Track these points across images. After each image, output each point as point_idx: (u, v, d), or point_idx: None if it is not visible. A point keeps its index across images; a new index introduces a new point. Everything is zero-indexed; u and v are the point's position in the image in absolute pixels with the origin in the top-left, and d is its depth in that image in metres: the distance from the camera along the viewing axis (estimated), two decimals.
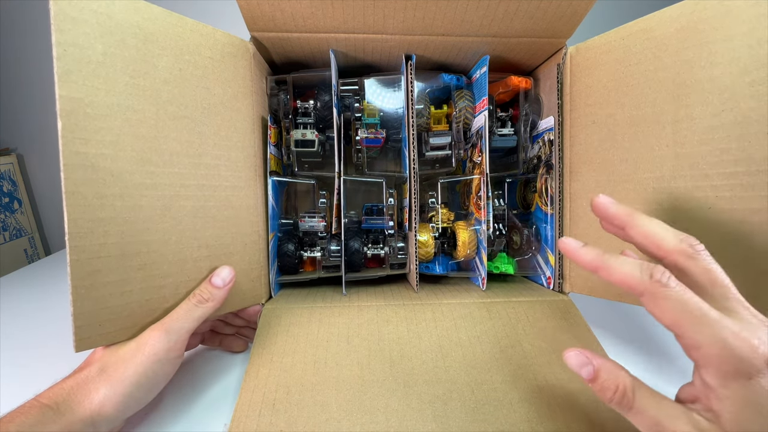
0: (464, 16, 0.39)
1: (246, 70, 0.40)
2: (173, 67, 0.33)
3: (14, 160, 1.24)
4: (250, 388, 0.31)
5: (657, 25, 0.34)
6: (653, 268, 0.22)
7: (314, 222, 0.47)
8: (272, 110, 0.46)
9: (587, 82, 0.41)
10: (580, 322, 0.39)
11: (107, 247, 0.28)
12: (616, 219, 0.26)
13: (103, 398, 0.26)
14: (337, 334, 0.37)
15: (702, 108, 0.31)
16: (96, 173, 0.28)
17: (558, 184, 0.44)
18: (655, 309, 0.22)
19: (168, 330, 0.30)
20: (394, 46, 0.43)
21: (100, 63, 0.28)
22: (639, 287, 0.22)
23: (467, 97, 0.48)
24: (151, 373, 0.28)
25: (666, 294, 0.21)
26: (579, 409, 0.30)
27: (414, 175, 0.44)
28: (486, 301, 0.42)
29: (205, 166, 0.35)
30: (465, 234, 0.47)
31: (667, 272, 0.22)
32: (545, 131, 0.46)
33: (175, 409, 0.33)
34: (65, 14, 0.27)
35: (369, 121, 0.47)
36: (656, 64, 0.34)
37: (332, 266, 0.47)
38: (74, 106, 0.27)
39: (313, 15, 0.38)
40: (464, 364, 0.34)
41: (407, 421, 0.29)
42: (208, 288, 0.33)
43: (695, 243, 0.23)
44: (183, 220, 0.33)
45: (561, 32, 0.41)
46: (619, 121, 0.37)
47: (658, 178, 0.34)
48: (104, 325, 0.29)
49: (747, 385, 0.19)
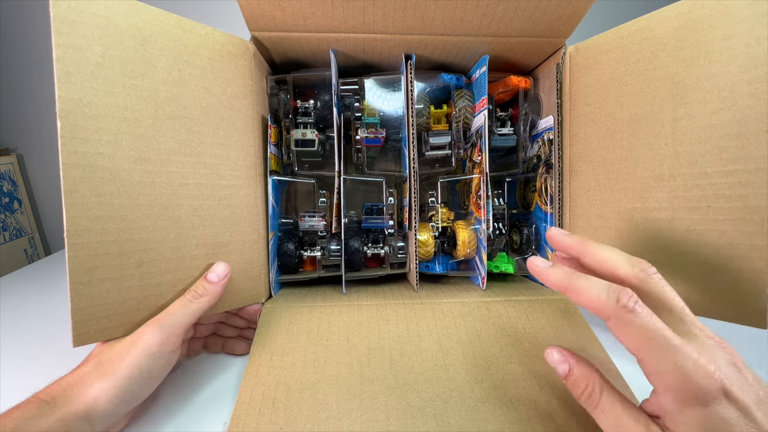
0: (464, 16, 0.39)
1: (246, 70, 0.40)
2: (172, 68, 0.33)
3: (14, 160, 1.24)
4: (249, 387, 0.31)
5: (656, 25, 0.34)
6: (620, 292, 0.22)
7: (314, 221, 0.47)
8: (272, 110, 0.46)
9: (586, 82, 0.41)
10: (580, 322, 0.39)
11: (105, 245, 0.29)
12: (570, 249, 0.27)
13: (98, 392, 0.26)
14: (337, 333, 0.37)
15: (701, 106, 0.31)
16: (94, 172, 0.28)
17: (557, 183, 0.44)
18: (619, 334, 0.22)
19: (162, 325, 0.30)
20: (393, 45, 0.43)
21: (99, 64, 0.28)
22: (605, 311, 0.22)
23: (467, 96, 0.48)
24: (144, 367, 0.28)
25: (631, 320, 0.21)
26: (578, 408, 0.30)
27: (414, 175, 0.44)
28: (486, 300, 0.42)
29: (203, 165, 0.35)
30: (465, 233, 0.47)
31: (635, 296, 0.22)
32: (545, 130, 0.46)
33: (175, 407, 0.33)
34: (65, 17, 0.27)
35: (369, 121, 0.47)
36: (655, 63, 0.34)
37: (332, 265, 0.47)
38: (73, 107, 0.27)
39: (313, 15, 0.39)
40: (464, 362, 0.34)
41: (407, 419, 0.29)
42: (203, 283, 0.33)
43: (647, 267, 0.23)
44: (181, 218, 0.33)
45: (560, 32, 0.41)
46: (619, 120, 0.37)
47: (657, 177, 0.34)
48: (102, 320, 0.29)
49: (703, 413, 0.20)
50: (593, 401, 0.24)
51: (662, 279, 0.23)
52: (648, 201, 0.35)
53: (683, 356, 0.20)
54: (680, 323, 0.22)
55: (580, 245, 0.26)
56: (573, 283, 0.24)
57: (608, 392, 0.24)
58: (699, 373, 0.20)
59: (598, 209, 0.40)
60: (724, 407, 0.20)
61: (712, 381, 0.20)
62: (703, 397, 0.20)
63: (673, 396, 0.21)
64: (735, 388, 0.20)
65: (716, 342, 0.21)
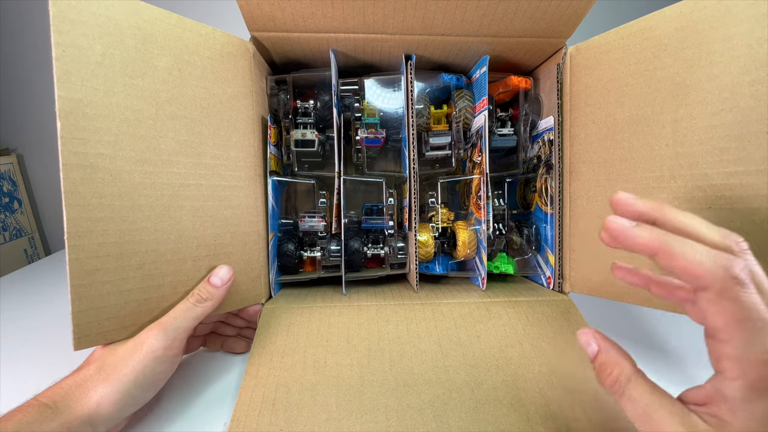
0: (464, 16, 0.39)
1: (246, 70, 0.40)
2: (172, 67, 0.33)
3: (14, 160, 1.24)
4: (249, 388, 0.31)
5: (656, 25, 0.34)
6: (732, 261, 0.19)
7: (314, 222, 0.47)
8: (272, 110, 0.46)
9: (587, 82, 0.41)
10: (580, 322, 0.39)
11: (106, 247, 0.28)
12: (645, 214, 0.22)
13: (101, 397, 0.26)
14: (337, 334, 0.37)
15: (701, 107, 0.31)
16: (95, 173, 0.28)
17: (558, 184, 0.44)
18: (713, 306, 0.19)
19: (166, 328, 0.30)
20: (393, 46, 0.43)
21: (99, 64, 0.28)
22: (706, 279, 0.19)
23: (467, 97, 0.48)
24: (148, 371, 0.28)
25: (737, 294, 0.18)
26: (579, 410, 0.30)
27: (414, 175, 0.44)
28: (486, 301, 0.42)
29: (204, 165, 0.35)
30: (465, 234, 0.47)
31: (748, 268, 0.19)
32: (545, 131, 0.46)
33: (175, 408, 0.33)
34: (64, 16, 0.27)
35: (369, 121, 0.47)
36: (656, 64, 0.34)
37: (332, 266, 0.47)
38: (73, 107, 0.27)
39: (313, 15, 0.38)
40: (464, 363, 0.34)
41: (407, 420, 0.29)
42: (206, 287, 0.33)
43: (740, 241, 0.20)
44: (182, 219, 0.33)
45: (561, 32, 0.41)
46: (619, 121, 0.37)
47: (657, 178, 0.34)
48: (103, 323, 0.29)
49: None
50: (618, 388, 0.22)
51: (753, 257, 0.20)
52: None
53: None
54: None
55: (657, 210, 0.22)
56: (668, 243, 0.20)
57: (637, 380, 0.22)
58: None
59: (598, 210, 0.40)
60: None
61: None
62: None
63: (748, 383, 0.19)
64: None
65: None
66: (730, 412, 0.19)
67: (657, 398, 0.21)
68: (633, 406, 0.22)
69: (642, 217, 0.23)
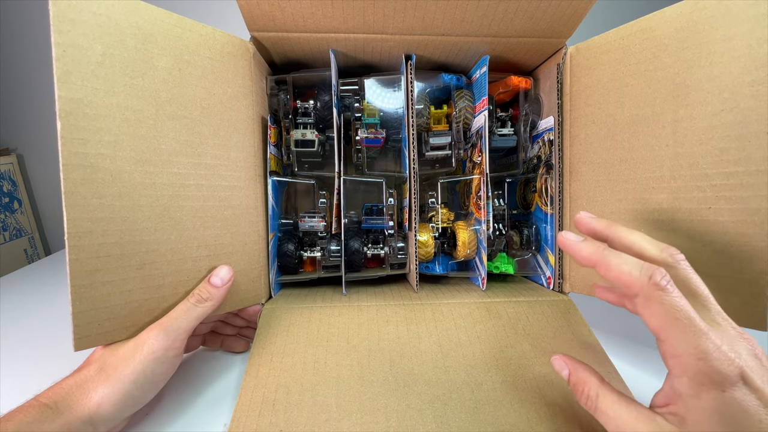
0: (464, 16, 0.39)
1: (246, 70, 0.40)
2: (172, 67, 0.33)
3: (14, 160, 1.24)
4: (250, 388, 0.31)
5: (657, 25, 0.34)
6: (654, 270, 0.22)
7: (314, 222, 0.47)
8: (272, 110, 0.46)
9: (587, 82, 0.41)
10: (580, 322, 0.39)
11: (106, 247, 0.28)
12: (597, 233, 0.27)
13: (102, 397, 0.26)
14: (337, 334, 0.37)
15: (701, 108, 0.31)
16: (95, 173, 0.28)
17: (558, 184, 0.44)
18: (645, 311, 0.22)
19: (166, 329, 0.30)
20: (393, 46, 0.43)
21: (99, 64, 0.28)
22: (635, 287, 0.22)
23: (467, 97, 0.48)
24: (149, 372, 0.28)
25: (660, 298, 0.21)
26: (579, 410, 0.30)
27: (414, 175, 0.44)
28: (486, 301, 0.42)
29: (204, 166, 0.35)
30: (465, 234, 0.47)
31: (668, 276, 0.22)
32: (545, 131, 0.46)
33: (175, 408, 0.33)
34: (65, 15, 0.27)
35: (369, 121, 0.47)
36: (656, 64, 0.34)
37: (332, 266, 0.47)
38: (73, 107, 0.27)
39: (313, 15, 0.38)
40: (464, 364, 0.34)
41: (407, 421, 0.29)
42: (206, 287, 0.33)
43: (675, 253, 0.23)
44: (182, 219, 0.33)
45: (561, 32, 0.41)
46: (619, 121, 0.37)
47: (657, 178, 0.34)
48: (103, 324, 0.29)
49: (719, 397, 0.20)
50: (591, 405, 0.25)
51: (689, 266, 0.23)
52: (648, 202, 0.35)
53: (706, 339, 0.20)
54: (705, 310, 0.22)
55: (608, 228, 0.26)
56: (605, 257, 0.24)
57: (605, 394, 0.24)
58: (719, 357, 0.20)
59: (598, 210, 0.40)
60: (741, 393, 0.20)
61: (731, 367, 0.20)
62: (721, 382, 0.20)
63: (689, 378, 0.21)
64: (755, 376, 0.20)
65: (738, 332, 0.21)
66: (685, 408, 0.21)
67: (624, 407, 0.23)
68: (606, 419, 0.24)
69: (596, 234, 0.27)
